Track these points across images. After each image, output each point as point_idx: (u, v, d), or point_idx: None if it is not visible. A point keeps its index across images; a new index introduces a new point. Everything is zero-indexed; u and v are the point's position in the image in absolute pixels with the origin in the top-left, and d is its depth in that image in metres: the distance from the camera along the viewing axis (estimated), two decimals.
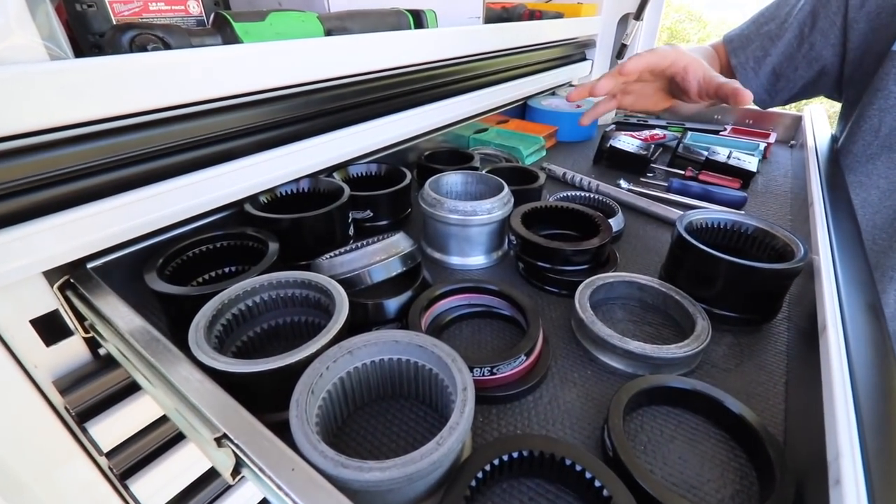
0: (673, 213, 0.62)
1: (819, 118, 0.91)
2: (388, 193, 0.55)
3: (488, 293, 0.43)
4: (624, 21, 1.21)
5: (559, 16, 1.04)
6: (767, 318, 0.43)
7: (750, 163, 0.75)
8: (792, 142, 0.97)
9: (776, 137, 0.94)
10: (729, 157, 0.77)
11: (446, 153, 0.72)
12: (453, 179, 0.56)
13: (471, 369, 0.33)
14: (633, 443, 0.32)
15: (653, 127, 1.00)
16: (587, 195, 0.63)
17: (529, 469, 0.29)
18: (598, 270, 0.49)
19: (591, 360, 0.39)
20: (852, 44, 0.62)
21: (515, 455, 0.27)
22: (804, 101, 0.78)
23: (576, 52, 1.19)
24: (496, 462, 0.27)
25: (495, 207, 0.49)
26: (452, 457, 0.26)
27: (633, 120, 1.06)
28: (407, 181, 0.58)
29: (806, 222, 0.54)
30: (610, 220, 0.54)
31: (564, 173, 0.75)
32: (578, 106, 1.01)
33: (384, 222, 0.58)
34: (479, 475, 0.26)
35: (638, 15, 1.13)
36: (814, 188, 0.57)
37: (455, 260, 0.52)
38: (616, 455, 0.28)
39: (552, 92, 1.12)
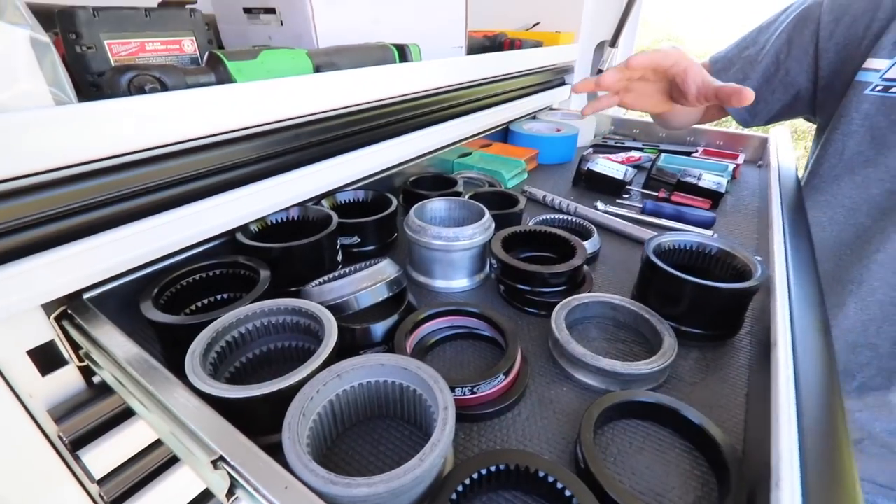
0: (646, 233, 0.66)
1: (783, 140, 0.96)
2: (374, 220, 0.58)
3: (470, 315, 0.45)
4: (601, 48, 1.27)
5: (538, 44, 1.09)
6: (731, 334, 0.46)
7: (719, 184, 0.79)
8: (760, 162, 1.02)
9: (745, 158, 0.99)
10: (699, 178, 0.81)
11: (431, 178, 0.75)
12: (437, 206, 0.59)
13: (452, 389, 0.35)
14: (603, 455, 0.34)
15: (629, 149, 1.04)
16: (565, 218, 0.66)
17: (507, 482, 0.31)
18: (574, 291, 0.51)
19: (567, 377, 0.42)
20: (823, 71, 0.66)
21: (494, 469, 0.29)
22: (780, 122, 0.83)
23: (555, 77, 1.25)
24: (476, 476, 0.29)
25: (477, 233, 0.52)
26: (434, 472, 0.28)
27: (611, 142, 1.11)
28: (392, 208, 0.60)
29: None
30: (586, 243, 0.58)
31: (545, 196, 0.78)
32: (558, 130, 1.05)
33: (371, 247, 0.60)
34: (460, 488, 0.28)
35: (613, 42, 1.19)
36: (774, 209, 0.61)
37: (440, 283, 0.55)
38: (587, 467, 0.30)
39: (533, 116, 1.16)
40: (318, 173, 0.56)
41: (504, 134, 1.06)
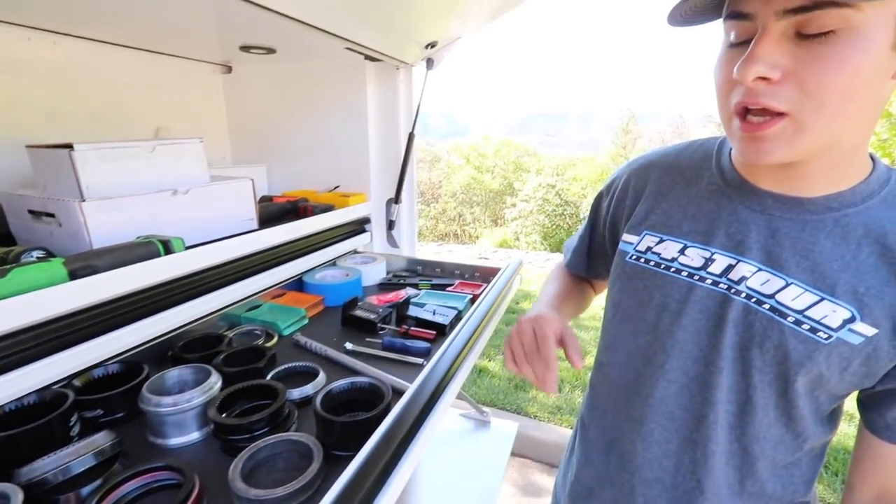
0: (369, 370, 0.86)
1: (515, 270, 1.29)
2: (115, 394, 0.70)
3: (166, 469, 0.58)
4: (390, 203, 1.60)
5: (329, 208, 1.36)
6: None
7: (446, 316, 1.05)
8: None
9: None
10: (434, 312, 1.06)
11: (199, 340, 0.90)
12: (172, 374, 0.74)
13: None
14: None
15: (404, 286, 1.30)
16: (300, 365, 0.84)
17: None
18: (279, 429, 0.67)
19: None
20: (608, 240, 0.76)
21: None
22: None
23: (357, 227, 1.53)
24: None
25: (195, 396, 0.67)
26: None
27: (394, 280, 1.37)
28: (137, 380, 0.73)
29: None
30: (308, 385, 0.75)
31: (306, 342, 0.97)
32: (347, 275, 1.29)
33: (118, 415, 0.71)
34: None
35: (396, 200, 1.52)
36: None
37: (173, 441, 0.67)
38: None
39: (333, 263, 1.40)
40: (62, 359, 0.68)
41: (299, 283, 1.27)
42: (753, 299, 0.55)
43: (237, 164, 1.61)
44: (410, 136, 1.46)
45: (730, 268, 0.56)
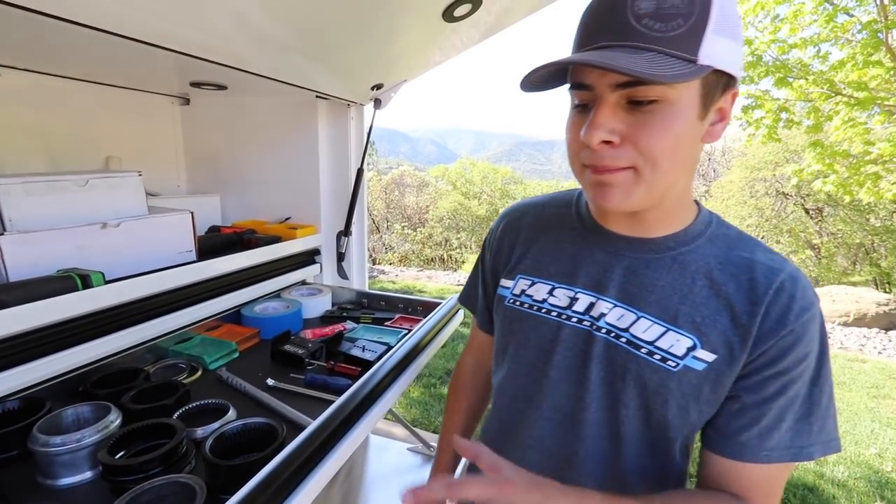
0: (282, 408, 0.86)
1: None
2: (6, 432, 0.70)
3: None
4: (341, 235, 1.63)
5: (275, 240, 1.38)
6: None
7: (374, 352, 1.06)
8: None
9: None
10: (364, 348, 1.08)
11: (114, 374, 0.90)
12: (68, 413, 0.74)
13: None
14: None
15: (346, 319, 1.32)
16: (210, 402, 0.84)
17: None
18: (173, 469, 0.67)
19: None
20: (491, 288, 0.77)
21: None
22: None
23: (307, 258, 1.55)
24: None
25: (87, 435, 0.67)
26: None
27: (340, 313, 1.38)
28: (31, 419, 0.73)
29: None
30: (216, 423, 0.76)
31: (228, 377, 0.97)
32: (288, 307, 1.29)
33: (12, 453, 0.71)
34: None
35: (345, 233, 1.55)
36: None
37: (63, 482, 0.67)
38: None
39: (277, 294, 1.41)
40: None
41: (237, 315, 1.27)
42: (612, 334, 0.59)
43: (191, 194, 1.63)
44: (359, 172, 1.50)
45: (591, 305, 0.61)
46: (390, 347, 1.11)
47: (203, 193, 1.61)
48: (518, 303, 0.67)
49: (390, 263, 11.06)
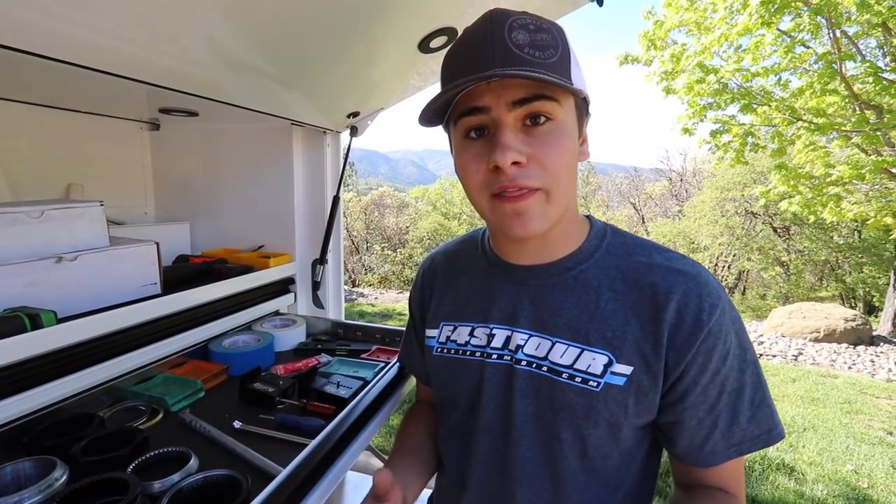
0: (249, 455, 0.81)
1: None
2: None
3: None
4: (317, 263, 1.59)
5: (247, 270, 1.33)
6: None
7: (349, 388, 1.02)
8: None
9: None
10: (338, 384, 1.03)
11: (64, 422, 0.83)
12: (6, 471, 0.67)
13: None
14: None
15: (320, 352, 1.27)
16: (168, 450, 0.78)
17: None
18: None
19: None
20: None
21: None
22: None
23: (281, 287, 1.50)
24: None
25: (27, 497, 0.61)
26: None
27: (314, 345, 1.33)
28: None
29: None
30: (175, 474, 0.70)
31: (192, 420, 0.91)
32: (259, 340, 1.24)
33: None
34: None
35: (321, 261, 1.51)
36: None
37: None
38: None
39: (248, 326, 1.35)
40: None
41: (204, 350, 1.21)
42: (533, 364, 0.59)
43: (160, 222, 1.57)
44: (335, 199, 1.48)
45: (508, 339, 0.62)
46: (367, 383, 1.07)
47: (172, 221, 1.55)
48: (444, 350, 0.68)
49: (370, 285, 10.94)
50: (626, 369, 0.55)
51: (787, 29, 4.72)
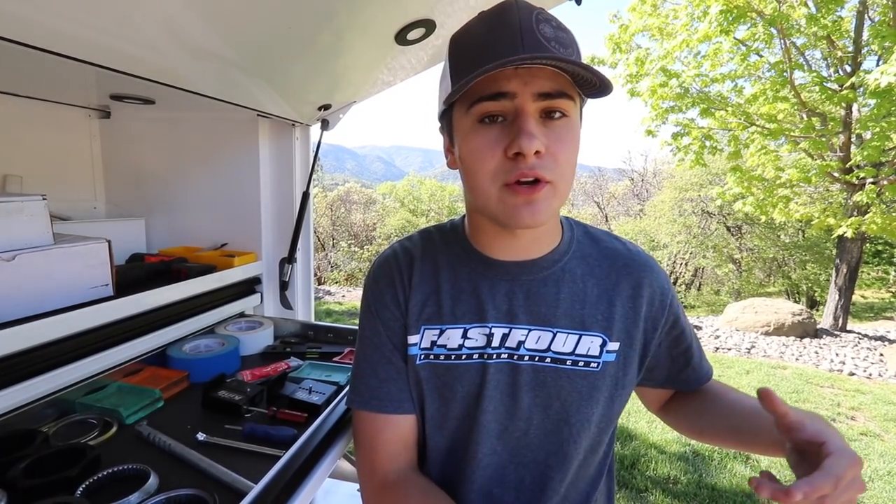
0: (216, 471, 0.75)
1: None
2: None
3: None
4: (285, 262, 1.52)
5: (209, 269, 1.25)
6: None
7: (322, 394, 0.97)
8: None
9: None
10: (310, 390, 0.98)
11: (3, 439, 0.74)
12: None
13: None
14: None
15: (290, 355, 1.21)
16: (124, 468, 0.71)
17: None
18: None
19: None
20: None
21: None
22: None
23: (247, 288, 1.42)
24: None
25: None
26: None
27: (282, 349, 1.26)
28: None
29: None
30: (130, 497, 0.64)
31: (150, 434, 0.84)
32: (223, 345, 1.17)
33: None
34: None
35: (289, 260, 1.44)
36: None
37: None
38: None
39: (211, 330, 1.27)
40: None
41: (162, 356, 1.13)
42: (536, 358, 0.61)
43: (111, 218, 1.46)
44: (305, 195, 1.41)
45: (507, 336, 0.62)
46: (341, 388, 1.02)
47: (124, 217, 1.45)
48: (431, 356, 0.63)
49: (336, 283, 10.73)
50: (615, 346, 0.62)
51: (742, 37, 4.95)
